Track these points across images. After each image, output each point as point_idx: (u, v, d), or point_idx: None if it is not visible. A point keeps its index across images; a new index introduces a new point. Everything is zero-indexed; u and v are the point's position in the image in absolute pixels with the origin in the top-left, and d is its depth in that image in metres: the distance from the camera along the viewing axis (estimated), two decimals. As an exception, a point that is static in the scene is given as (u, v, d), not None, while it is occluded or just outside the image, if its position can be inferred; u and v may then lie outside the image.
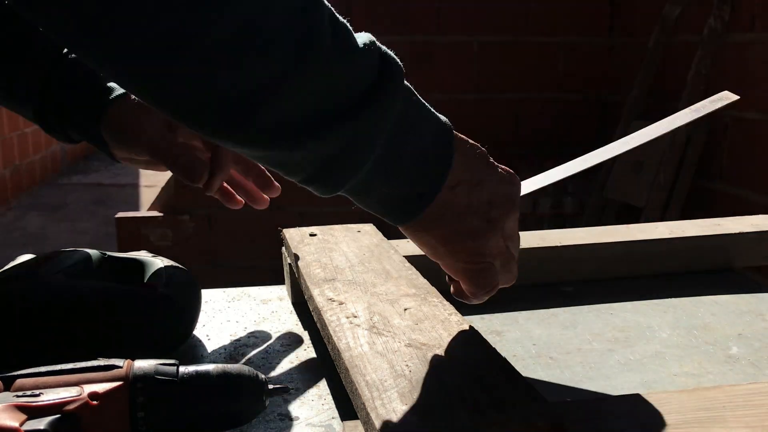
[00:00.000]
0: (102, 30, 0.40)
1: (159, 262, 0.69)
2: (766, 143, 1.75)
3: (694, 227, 0.87)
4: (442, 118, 0.51)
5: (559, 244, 0.81)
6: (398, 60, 0.47)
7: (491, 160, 0.54)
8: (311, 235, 0.76)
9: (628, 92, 2.20)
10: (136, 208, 4.24)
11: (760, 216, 0.91)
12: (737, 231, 0.85)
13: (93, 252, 0.69)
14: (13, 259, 0.67)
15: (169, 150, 0.65)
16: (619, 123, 2.20)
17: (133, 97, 0.66)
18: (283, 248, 0.77)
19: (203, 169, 0.65)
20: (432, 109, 0.50)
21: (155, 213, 2.28)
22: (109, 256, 0.71)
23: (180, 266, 0.69)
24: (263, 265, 2.33)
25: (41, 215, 4.27)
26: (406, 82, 0.48)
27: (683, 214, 1.98)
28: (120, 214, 2.27)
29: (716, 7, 1.84)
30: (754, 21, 1.78)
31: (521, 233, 0.58)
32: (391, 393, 0.43)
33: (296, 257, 0.70)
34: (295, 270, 0.71)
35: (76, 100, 0.68)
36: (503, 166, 0.55)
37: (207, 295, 0.78)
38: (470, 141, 0.53)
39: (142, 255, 0.72)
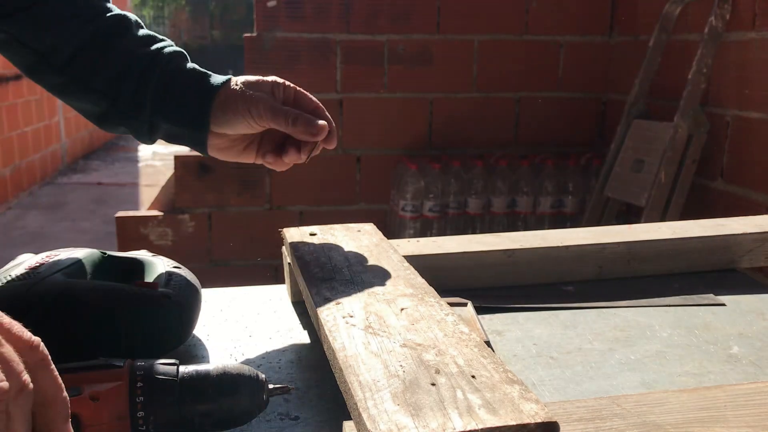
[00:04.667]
0: None
1: (159, 262, 0.69)
2: (766, 143, 1.75)
3: (698, 227, 0.86)
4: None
5: (560, 244, 0.81)
6: None
7: None
8: (311, 234, 0.76)
9: (628, 92, 2.19)
10: (136, 207, 4.25)
11: (764, 216, 0.91)
12: (741, 231, 0.84)
13: (93, 252, 0.69)
14: (13, 259, 0.67)
15: (284, 111, 0.70)
16: (619, 122, 2.20)
17: (234, 83, 0.71)
18: (283, 248, 0.77)
19: (318, 123, 0.70)
20: None
21: (155, 212, 2.28)
22: (109, 256, 0.71)
23: (180, 266, 0.69)
24: (263, 264, 2.33)
25: (41, 214, 4.27)
26: None
27: (683, 213, 1.98)
28: (120, 214, 2.27)
29: (717, 5, 1.84)
30: (755, 19, 1.78)
31: (522, 233, 0.58)
32: (383, 393, 0.43)
33: (295, 257, 0.70)
34: (294, 269, 0.71)
35: (185, 86, 0.72)
36: None
37: (207, 294, 0.78)
38: None
39: (142, 255, 0.72)
